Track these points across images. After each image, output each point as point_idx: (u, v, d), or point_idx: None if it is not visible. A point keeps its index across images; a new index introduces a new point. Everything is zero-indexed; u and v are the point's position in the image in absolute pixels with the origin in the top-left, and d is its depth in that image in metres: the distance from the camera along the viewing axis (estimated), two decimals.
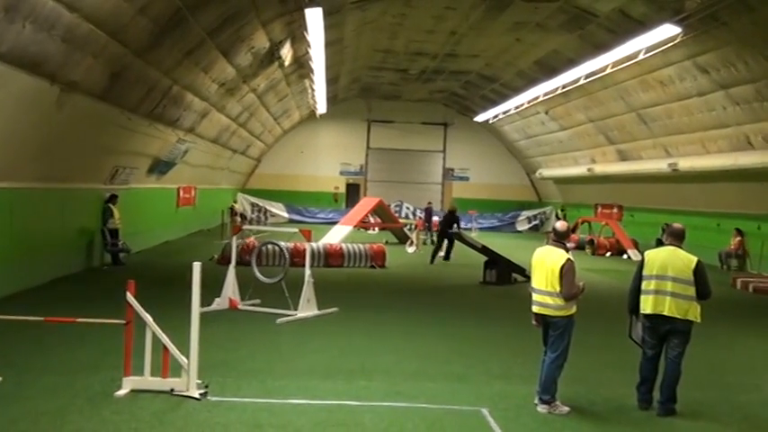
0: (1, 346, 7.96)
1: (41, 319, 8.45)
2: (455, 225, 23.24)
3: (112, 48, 13.20)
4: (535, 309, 7.68)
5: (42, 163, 14.02)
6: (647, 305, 7.64)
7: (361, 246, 21.07)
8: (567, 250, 7.65)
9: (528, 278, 17.04)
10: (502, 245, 24.61)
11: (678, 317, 7.49)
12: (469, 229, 35.95)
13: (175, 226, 26.60)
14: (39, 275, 14.53)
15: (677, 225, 7.95)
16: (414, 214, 39.55)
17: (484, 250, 18.60)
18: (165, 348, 7.54)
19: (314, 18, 16.63)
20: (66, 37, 11.38)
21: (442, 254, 22.75)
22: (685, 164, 23.83)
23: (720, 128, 21.46)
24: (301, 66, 25.97)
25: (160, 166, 22.26)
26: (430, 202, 35.60)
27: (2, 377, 7.73)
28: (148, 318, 7.52)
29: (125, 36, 13.25)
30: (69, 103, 13.32)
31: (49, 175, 14.68)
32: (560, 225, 7.94)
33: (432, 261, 22.21)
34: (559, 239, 7.77)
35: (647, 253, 7.97)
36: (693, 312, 7.52)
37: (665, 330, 7.60)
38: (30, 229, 14.16)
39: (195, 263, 7.64)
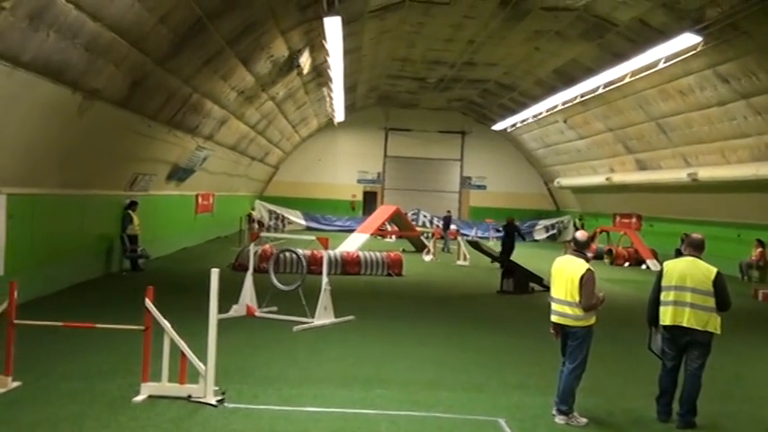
0: (21, 351, 8.01)
1: (61, 324, 8.51)
2: (516, 234, 24.78)
3: (134, 56, 13.33)
4: (554, 318, 7.64)
5: (64, 170, 14.16)
6: (666, 316, 7.58)
7: (377, 254, 21.08)
8: (588, 260, 7.61)
9: (545, 287, 17.09)
10: (519, 254, 24.50)
11: (698, 328, 7.42)
12: (487, 238, 35.87)
13: (194, 232, 26.74)
14: (59, 281, 14.66)
15: (696, 235, 7.89)
16: (431, 222, 39.54)
17: (501, 259, 18.53)
18: (183, 354, 7.57)
19: (333, 27, 16.69)
20: (88, 45, 11.51)
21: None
22: (705, 174, 23.66)
23: (741, 138, 21.31)
24: (320, 74, 26.07)
25: (179, 173, 22.40)
26: (449, 211, 35.61)
27: (21, 382, 7.80)
28: (166, 324, 7.56)
29: (146, 45, 13.38)
30: (91, 111, 13.45)
31: (70, 181, 14.82)
32: (581, 235, 7.90)
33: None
34: (580, 249, 7.73)
35: (666, 264, 7.91)
36: (713, 324, 7.44)
37: (684, 342, 7.53)
38: (51, 235, 14.29)
39: (213, 269, 7.67)
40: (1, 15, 8.97)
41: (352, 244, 23.43)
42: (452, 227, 36.77)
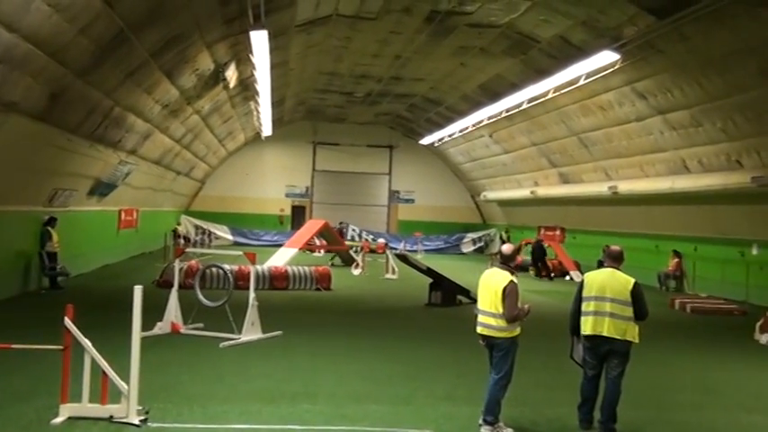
0: None
1: None
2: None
3: (52, 68, 12.98)
4: (479, 329, 7.77)
5: None
6: (586, 326, 7.79)
7: (306, 268, 21.01)
8: (513, 273, 7.76)
9: (473, 300, 17.31)
10: (447, 267, 24.77)
11: (617, 337, 7.65)
12: (415, 251, 36.15)
13: (117, 249, 26.12)
14: None
15: (615, 247, 8.14)
16: (359, 236, 39.62)
17: (429, 272, 18.72)
18: (105, 374, 7.39)
19: (259, 40, 16.63)
20: (3, 57, 11.17)
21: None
22: (625, 187, 24.43)
23: (658, 152, 22.10)
24: (246, 88, 25.89)
25: (101, 188, 21.87)
26: (341, 222, 34.96)
27: None
28: (87, 342, 7.37)
29: (65, 56, 13.05)
30: (6, 124, 13.03)
31: None
32: (506, 248, 8.05)
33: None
34: (505, 262, 7.88)
35: (586, 275, 8.15)
36: (632, 333, 7.68)
37: (604, 351, 7.75)
38: None
39: (136, 286, 7.53)
40: None
41: (281, 258, 23.27)
42: (380, 240, 36.98)
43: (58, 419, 7.28)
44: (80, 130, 17.06)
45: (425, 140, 38.94)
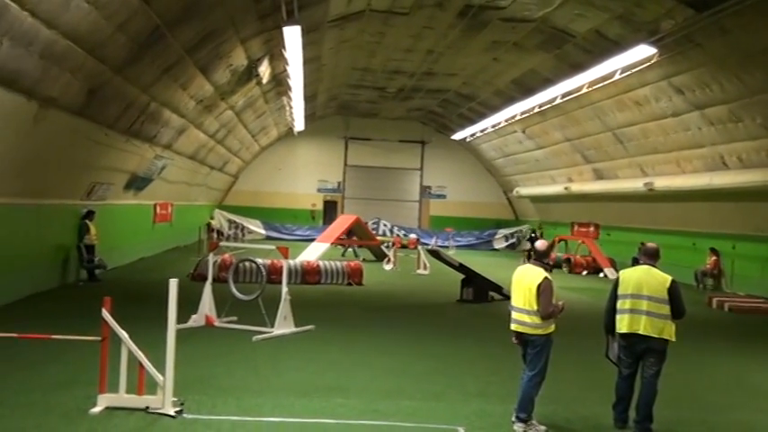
0: None
1: (16, 335, 8.37)
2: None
3: (90, 64, 13.18)
4: (513, 327, 7.73)
5: (19, 179, 13.93)
6: (622, 324, 7.72)
7: (338, 263, 21.09)
8: (547, 269, 7.72)
9: (505, 296, 17.26)
10: (479, 263, 24.72)
11: (653, 336, 7.57)
12: (447, 247, 36.07)
13: (152, 242, 26.45)
14: (14, 291, 14.39)
15: (651, 244, 8.06)
16: (391, 232, 39.63)
17: (461, 268, 18.67)
18: (141, 365, 7.50)
19: (292, 36, 16.70)
20: (43, 53, 11.36)
21: None
22: (661, 183, 24.13)
23: (695, 148, 21.80)
24: (279, 83, 26.04)
25: (137, 183, 22.17)
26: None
27: None
28: (124, 334, 7.49)
29: (103, 52, 13.24)
30: (47, 119, 13.26)
31: (26, 190, 14.58)
32: (540, 244, 8.02)
33: None
34: (539, 258, 7.84)
35: (621, 272, 8.06)
36: (668, 331, 7.60)
37: (640, 349, 7.68)
38: (5, 245, 14.03)
39: (172, 279, 7.62)
40: None
41: (313, 253, 23.39)
42: (412, 235, 36.96)
43: (96, 409, 7.41)
44: (117, 125, 17.31)
45: (458, 136, 38.83)
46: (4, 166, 13.05)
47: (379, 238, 33.14)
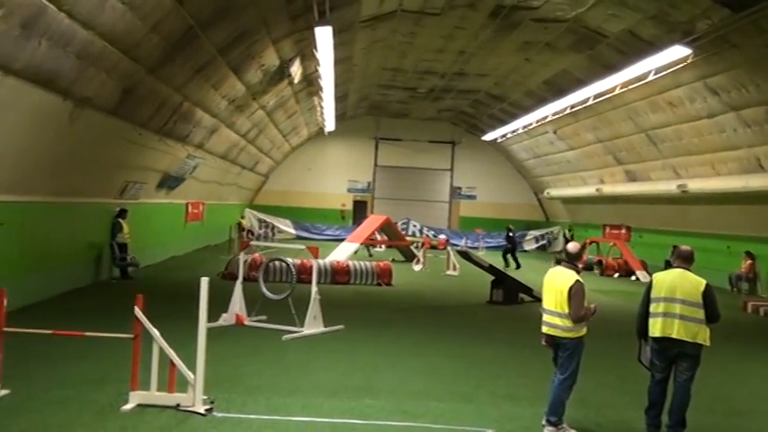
0: (10, 359, 7.98)
1: (50, 332, 8.48)
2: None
3: (125, 64, 13.34)
4: (545, 329, 7.67)
5: (54, 177, 14.14)
6: (655, 328, 7.62)
7: (367, 263, 21.11)
8: (579, 272, 7.65)
9: (535, 298, 17.15)
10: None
11: (687, 340, 7.46)
12: (476, 248, 35.95)
13: (183, 241, 26.69)
14: (49, 288, 14.62)
15: (685, 247, 7.94)
16: (421, 232, 39.57)
17: (491, 269, 18.59)
18: (172, 363, 7.57)
19: (324, 36, 16.74)
20: (80, 53, 11.51)
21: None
22: (695, 185, 23.81)
23: (731, 150, 21.46)
24: (310, 83, 26.13)
25: (169, 182, 22.38)
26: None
27: (10, 390, 7.77)
28: (156, 332, 7.56)
29: (137, 53, 13.40)
30: (82, 119, 13.44)
31: (61, 189, 14.79)
32: (572, 246, 7.94)
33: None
34: (570, 260, 7.76)
35: (655, 275, 7.96)
36: (702, 335, 7.48)
37: (674, 354, 7.57)
38: (40, 243, 14.26)
39: (203, 278, 7.67)
40: None
41: (342, 253, 23.45)
42: (441, 236, 36.88)
43: (128, 406, 7.49)
44: (150, 125, 17.49)
45: (488, 137, 38.67)
46: (40, 165, 13.26)
47: (408, 238, 33.12)
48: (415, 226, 40.54)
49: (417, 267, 26.19)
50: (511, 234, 29.96)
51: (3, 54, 9.74)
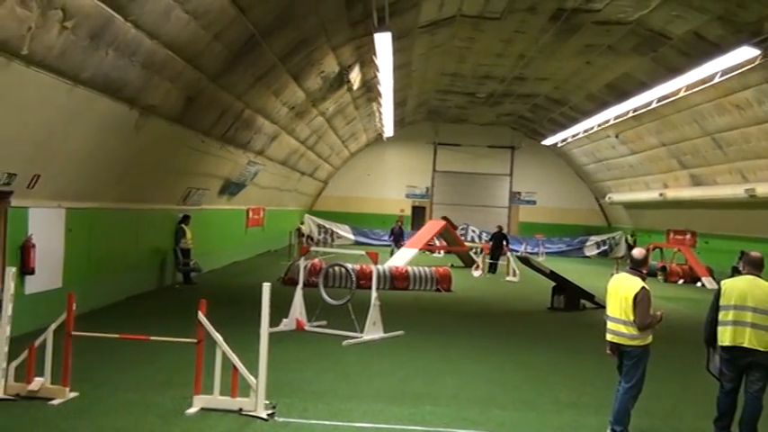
0: (78, 362, 8.17)
1: (117, 336, 8.66)
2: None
3: (188, 73, 13.58)
4: (609, 337, 7.51)
5: (120, 184, 14.47)
6: (725, 337, 7.37)
7: (426, 269, 21.03)
8: (644, 278, 7.46)
9: (597, 304, 16.84)
10: (570, 270, 24.19)
11: (760, 349, 7.19)
12: (536, 254, 35.50)
13: (244, 246, 27.04)
14: (115, 293, 14.97)
15: (755, 253, 7.67)
16: (480, 238, 39.29)
17: (552, 275, 18.33)
18: (235, 368, 7.64)
19: (383, 43, 16.77)
20: (145, 63, 11.77)
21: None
22: (763, 190, 23.08)
23: None
24: (369, 89, 26.23)
25: (231, 188, 22.70)
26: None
27: (78, 392, 7.95)
28: (219, 337, 7.65)
29: (200, 61, 13.63)
30: (147, 126, 13.73)
31: (126, 195, 15.14)
32: (637, 252, 7.75)
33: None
34: (636, 267, 7.58)
35: (724, 282, 7.70)
36: None
37: (744, 363, 7.31)
38: (107, 248, 14.62)
39: (264, 283, 7.74)
40: (63, 35, 9.23)
41: (401, 259, 23.41)
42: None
43: (192, 410, 7.59)
44: (212, 132, 17.77)
45: (548, 141, 38.23)
46: (106, 172, 13.59)
47: (467, 244, 32.90)
48: (474, 231, 40.29)
49: (477, 273, 26.01)
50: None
51: (72, 64, 10.02)
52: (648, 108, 24.75)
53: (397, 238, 30.74)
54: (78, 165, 12.38)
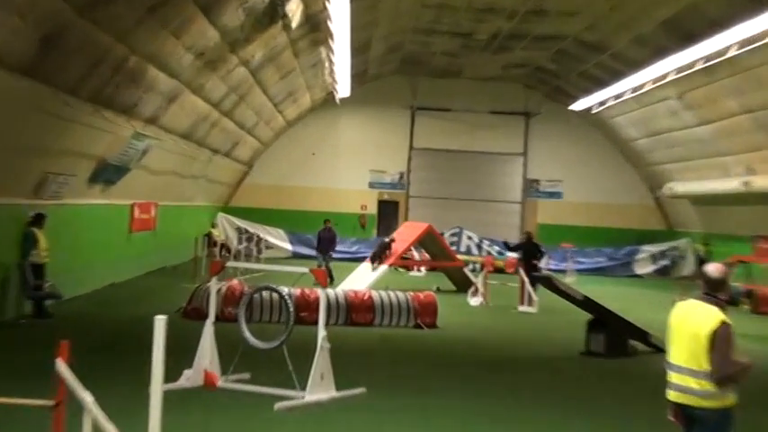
0: None
1: None
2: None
3: (45, 3, 13.39)
4: (672, 395, 7.54)
5: None
6: None
7: (400, 294, 21.01)
8: (724, 308, 7.48)
9: (655, 347, 16.95)
10: (613, 296, 24.43)
11: None
12: (563, 271, 35.72)
13: (127, 260, 26.84)
14: None
15: None
16: (479, 248, 39.44)
17: (587, 304, 18.43)
18: None
19: None
20: None
21: None
22: None
23: None
24: (315, 27, 26.19)
25: (107, 173, 22.50)
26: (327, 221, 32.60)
27: None
28: (88, 397, 7.52)
29: None
30: None
31: None
32: (713, 269, 7.76)
33: None
34: (712, 291, 7.59)
35: None
36: None
37: None
38: None
39: (158, 317, 7.63)
40: None
41: (363, 279, 23.41)
42: (508, 254, 36.70)
43: None
44: (81, 90, 17.58)
45: (579, 105, 38.60)
46: None
47: (460, 257, 33.02)
48: (470, 238, 40.42)
49: (475, 301, 26.10)
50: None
51: None
52: (725, 56, 25.04)
53: (326, 247, 30.13)
54: None
